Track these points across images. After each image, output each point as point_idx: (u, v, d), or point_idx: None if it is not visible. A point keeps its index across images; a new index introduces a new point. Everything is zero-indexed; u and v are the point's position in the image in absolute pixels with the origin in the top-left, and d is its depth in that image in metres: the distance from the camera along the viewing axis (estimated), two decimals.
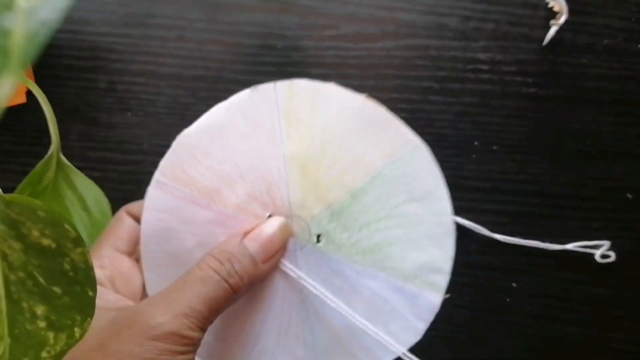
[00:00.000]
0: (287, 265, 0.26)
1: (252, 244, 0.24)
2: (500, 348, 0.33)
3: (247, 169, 0.26)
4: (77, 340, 0.17)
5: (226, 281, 0.22)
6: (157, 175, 0.27)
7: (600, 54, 0.34)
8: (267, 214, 0.26)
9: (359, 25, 0.35)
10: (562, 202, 0.33)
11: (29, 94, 0.35)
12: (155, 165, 0.34)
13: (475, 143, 0.34)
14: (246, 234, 0.24)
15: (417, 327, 0.27)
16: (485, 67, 0.34)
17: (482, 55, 0.34)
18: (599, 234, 0.33)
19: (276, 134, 0.26)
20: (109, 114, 0.35)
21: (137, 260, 0.27)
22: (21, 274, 0.16)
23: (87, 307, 0.17)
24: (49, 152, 0.28)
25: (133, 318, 0.21)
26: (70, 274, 0.16)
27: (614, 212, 0.33)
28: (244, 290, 0.23)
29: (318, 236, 0.26)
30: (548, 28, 0.34)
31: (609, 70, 0.34)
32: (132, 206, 0.28)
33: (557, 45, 0.34)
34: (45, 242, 0.16)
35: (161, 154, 0.35)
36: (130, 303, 0.24)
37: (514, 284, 0.33)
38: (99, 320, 0.19)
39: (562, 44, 0.34)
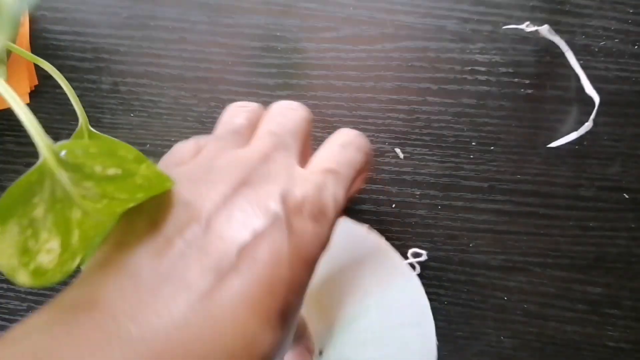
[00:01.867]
0: None
1: None
2: (497, 346, 0.33)
3: None
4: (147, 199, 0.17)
5: None
6: None
7: (596, 55, 0.34)
8: None
9: (358, 28, 0.35)
10: (558, 202, 0.34)
11: (32, 94, 0.35)
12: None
13: (473, 143, 0.34)
14: None
15: None
16: (482, 68, 0.34)
17: (479, 57, 0.34)
18: (595, 233, 0.34)
19: None
20: (112, 114, 0.35)
21: None
22: (105, 201, 0.16)
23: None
24: (78, 128, 0.29)
25: None
26: (146, 184, 0.17)
27: (611, 212, 0.34)
28: None
29: (320, 351, 0.30)
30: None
31: (605, 72, 0.34)
32: None
33: (553, 47, 0.34)
34: (111, 172, 0.16)
35: (164, 154, 0.35)
36: None
37: (511, 283, 0.34)
38: None
39: (558, 45, 0.34)
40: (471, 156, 0.34)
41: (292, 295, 0.17)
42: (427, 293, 0.32)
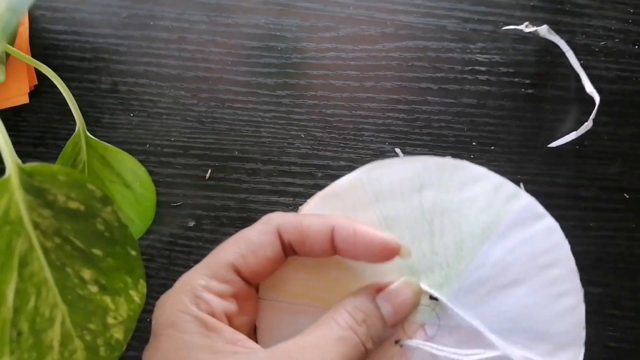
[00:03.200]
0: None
1: (386, 306, 0.22)
2: None
3: None
4: (139, 305, 0.16)
5: (363, 345, 0.21)
6: None
7: (597, 55, 0.34)
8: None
9: (358, 27, 0.35)
10: (559, 202, 0.34)
11: (32, 94, 0.35)
12: (157, 165, 0.35)
13: (473, 143, 0.34)
14: (379, 290, 0.23)
15: None
16: (483, 68, 0.34)
17: (479, 57, 0.34)
18: (596, 233, 0.34)
19: None
20: (111, 114, 0.35)
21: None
22: (57, 240, 0.15)
23: (134, 268, 0.17)
24: (75, 132, 0.28)
25: None
26: (106, 234, 0.16)
27: (611, 212, 0.34)
28: (369, 354, 0.22)
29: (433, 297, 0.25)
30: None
31: (605, 71, 0.34)
32: (286, 227, 0.23)
33: (554, 47, 0.34)
34: (73, 205, 0.15)
35: (163, 153, 0.35)
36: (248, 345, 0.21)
37: None
38: None
39: (559, 45, 0.34)
40: (472, 156, 0.34)
41: None
42: None
